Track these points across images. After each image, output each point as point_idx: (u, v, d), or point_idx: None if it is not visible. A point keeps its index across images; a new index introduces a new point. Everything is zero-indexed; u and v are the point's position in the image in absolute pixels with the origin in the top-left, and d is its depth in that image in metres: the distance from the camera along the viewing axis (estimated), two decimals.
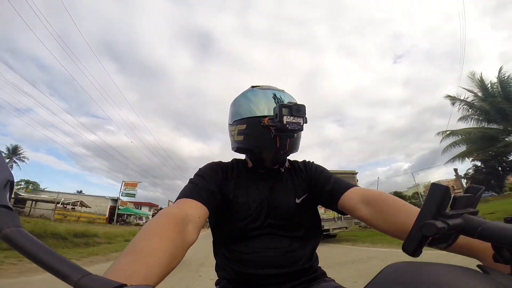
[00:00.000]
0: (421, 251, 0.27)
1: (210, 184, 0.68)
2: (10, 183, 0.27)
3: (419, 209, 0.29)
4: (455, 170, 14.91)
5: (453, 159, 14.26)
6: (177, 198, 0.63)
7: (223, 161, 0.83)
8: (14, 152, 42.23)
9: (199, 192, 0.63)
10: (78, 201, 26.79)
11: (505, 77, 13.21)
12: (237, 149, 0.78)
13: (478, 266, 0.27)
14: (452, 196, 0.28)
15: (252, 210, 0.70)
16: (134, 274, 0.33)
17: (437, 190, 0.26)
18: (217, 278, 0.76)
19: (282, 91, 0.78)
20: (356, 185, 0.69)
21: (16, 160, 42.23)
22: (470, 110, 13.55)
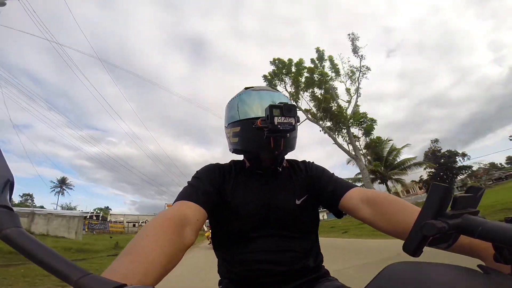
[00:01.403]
0: (422, 251, 0.27)
1: (207, 185, 0.68)
2: (10, 183, 0.27)
3: (420, 209, 0.29)
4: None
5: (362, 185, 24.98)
6: (175, 200, 0.62)
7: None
8: (63, 182, 53.93)
9: (196, 194, 0.63)
10: (146, 220, 38.07)
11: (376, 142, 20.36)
12: (234, 150, 0.78)
13: (479, 266, 0.27)
14: (453, 196, 0.28)
15: (251, 211, 0.69)
16: (132, 275, 0.33)
17: (438, 190, 0.26)
18: (219, 278, 0.76)
19: (276, 91, 0.78)
20: (356, 185, 0.69)
21: (65, 188, 53.99)
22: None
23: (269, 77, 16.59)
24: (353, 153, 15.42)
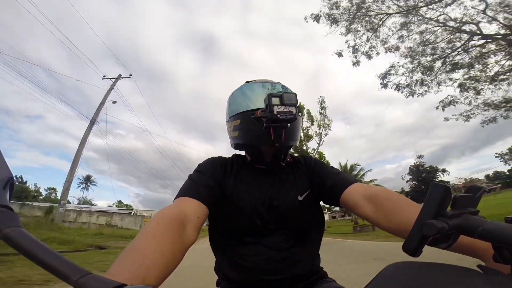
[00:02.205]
0: (421, 251, 0.27)
1: (209, 180, 0.66)
2: (10, 183, 0.27)
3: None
4: None
5: None
6: (176, 196, 0.61)
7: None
8: (87, 179, 63.61)
9: (198, 190, 0.62)
10: None
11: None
12: (236, 146, 0.77)
13: (478, 266, 0.27)
14: (453, 196, 0.28)
15: (253, 209, 0.68)
16: (133, 275, 0.33)
17: (438, 190, 0.26)
18: (217, 278, 0.75)
19: (278, 83, 0.76)
20: (358, 180, 0.67)
21: (90, 185, 64.09)
22: None
23: None
24: None
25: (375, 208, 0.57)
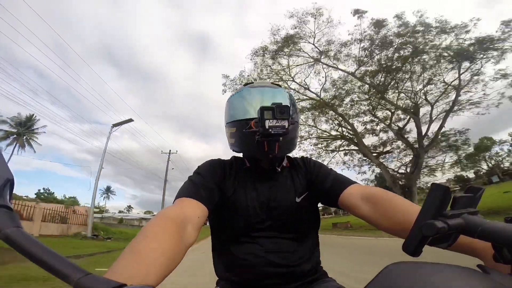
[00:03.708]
0: (421, 251, 0.27)
1: (209, 182, 0.67)
2: (10, 183, 0.27)
3: (420, 207, 0.29)
4: None
5: None
6: (176, 197, 0.62)
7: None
8: (108, 190, 71.88)
9: (198, 191, 0.62)
10: None
11: None
12: (233, 150, 0.78)
13: (478, 266, 0.27)
14: (452, 196, 0.28)
15: (251, 210, 0.69)
16: (133, 275, 0.33)
17: (437, 190, 0.26)
18: (217, 278, 0.75)
19: (276, 86, 0.76)
20: (356, 182, 0.68)
21: (110, 195, 73.10)
22: None
23: None
24: None
25: (373, 209, 0.57)
